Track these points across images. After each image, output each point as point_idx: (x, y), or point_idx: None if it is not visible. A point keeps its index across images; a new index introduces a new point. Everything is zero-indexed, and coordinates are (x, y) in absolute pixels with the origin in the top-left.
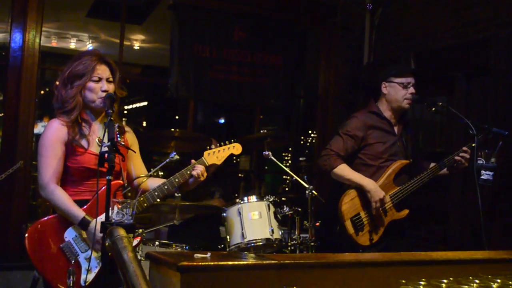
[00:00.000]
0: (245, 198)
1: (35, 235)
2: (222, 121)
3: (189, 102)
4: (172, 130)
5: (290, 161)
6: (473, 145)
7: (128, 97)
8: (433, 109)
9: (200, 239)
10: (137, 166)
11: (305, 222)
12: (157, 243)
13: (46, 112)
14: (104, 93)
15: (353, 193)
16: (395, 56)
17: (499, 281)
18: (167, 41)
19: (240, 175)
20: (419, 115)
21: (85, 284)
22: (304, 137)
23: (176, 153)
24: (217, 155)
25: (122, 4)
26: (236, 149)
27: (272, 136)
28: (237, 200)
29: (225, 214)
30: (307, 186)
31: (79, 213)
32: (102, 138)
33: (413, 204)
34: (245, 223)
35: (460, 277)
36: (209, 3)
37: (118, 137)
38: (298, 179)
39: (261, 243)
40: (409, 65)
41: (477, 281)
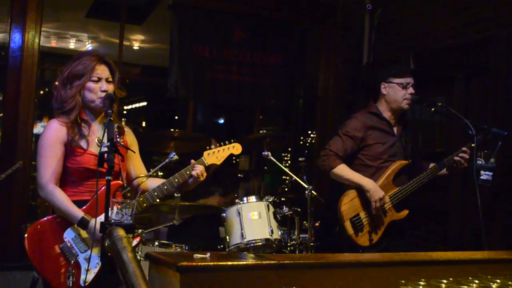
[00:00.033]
0: (245, 198)
1: (35, 235)
2: (221, 121)
3: (189, 102)
4: (171, 130)
5: (289, 162)
6: (472, 145)
7: (127, 97)
8: (433, 109)
9: (199, 239)
10: (137, 166)
11: (305, 222)
12: (156, 243)
13: (45, 112)
14: (103, 93)
15: (353, 193)
16: (394, 56)
17: (498, 281)
18: (167, 41)
19: (239, 175)
20: (419, 115)
21: (84, 284)
22: (303, 137)
23: (175, 153)
24: (216, 155)
25: (121, 4)
26: (236, 149)
27: (271, 136)
28: (237, 200)
29: (224, 214)
30: (306, 186)
31: (78, 213)
32: (101, 138)
33: (413, 204)
34: (244, 223)
35: (459, 277)
36: (209, 3)
37: (117, 137)
38: (297, 179)
39: (260, 243)
40: (409, 65)
41: (476, 281)
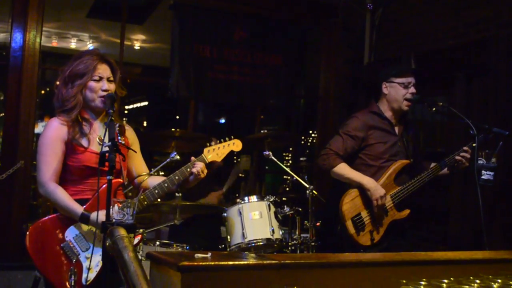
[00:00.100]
0: (246, 198)
1: (36, 235)
2: (222, 121)
3: (190, 102)
4: (172, 130)
5: (290, 161)
6: (473, 145)
7: (128, 97)
8: (434, 109)
9: (200, 239)
10: (138, 164)
11: (306, 222)
12: (157, 243)
13: (46, 112)
14: (104, 92)
15: (354, 193)
16: (395, 56)
17: (499, 281)
18: (168, 41)
19: (240, 175)
20: (420, 115)
21: (86, 283)
22: (304, 137)
23: (176, 153)
24: (217, 152)
25: (122, 4)
26: (236, 145)
27: (272, 136)
28: (238, 200)
29: (225, 214)
30: (307, 186)
31: (79, 208)
32: (103, 137)
33: (414, 204)
34: (245, 223)
35: (460, 277)
36: (209, 3)
37: (118, 136)
38: (298, 179)
39: (261, 243)
40: (410, 65)
41: (477, 281)
